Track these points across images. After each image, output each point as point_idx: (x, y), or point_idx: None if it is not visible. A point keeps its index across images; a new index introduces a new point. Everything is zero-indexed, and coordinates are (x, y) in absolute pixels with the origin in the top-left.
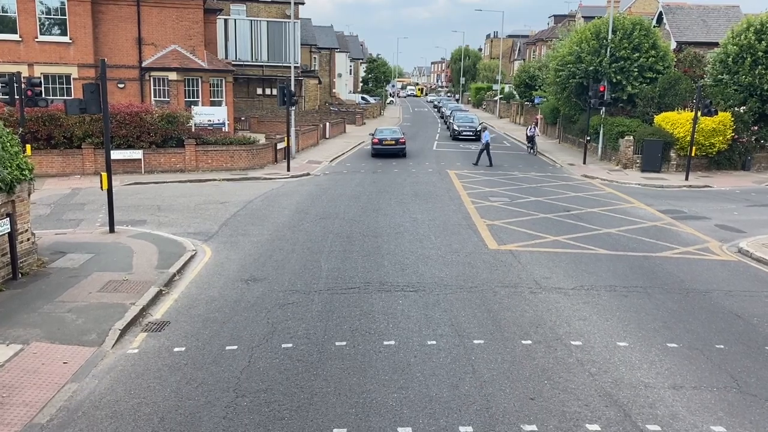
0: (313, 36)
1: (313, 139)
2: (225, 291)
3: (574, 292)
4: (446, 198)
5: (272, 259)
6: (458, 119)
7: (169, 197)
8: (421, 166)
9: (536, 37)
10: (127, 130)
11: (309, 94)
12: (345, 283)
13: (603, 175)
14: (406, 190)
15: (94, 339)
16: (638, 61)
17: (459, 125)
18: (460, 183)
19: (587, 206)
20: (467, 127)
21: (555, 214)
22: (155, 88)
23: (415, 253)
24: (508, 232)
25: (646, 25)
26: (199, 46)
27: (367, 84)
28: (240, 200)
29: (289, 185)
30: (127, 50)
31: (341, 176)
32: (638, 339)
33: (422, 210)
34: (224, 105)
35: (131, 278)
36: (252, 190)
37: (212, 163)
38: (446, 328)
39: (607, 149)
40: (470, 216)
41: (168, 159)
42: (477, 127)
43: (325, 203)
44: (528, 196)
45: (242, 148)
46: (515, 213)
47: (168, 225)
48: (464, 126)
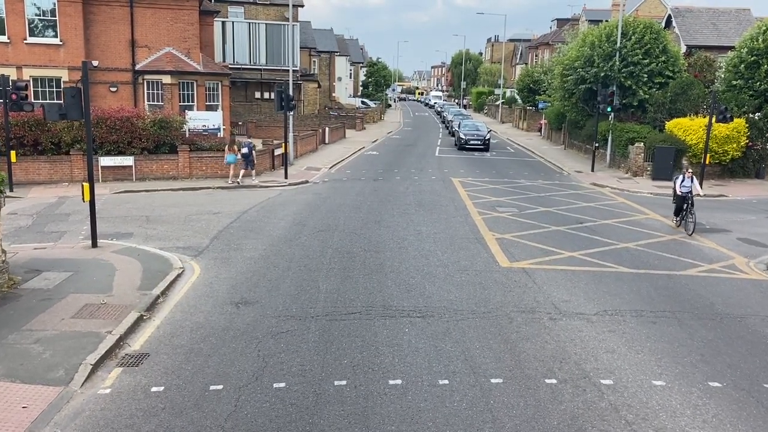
0: (312, 39)
1: (312, 144)
2: (212, 316)
3: (597, 318)
4: (451, 208)
5: (266, 279)
6: (464, 127)
7: (160, 207)
8: (423, 174)
9: (539, 41)
10: (117, 135)
11: (308, 98)
12: (345, 307)
13: (613, 184)
14: (409, 200)
15: (62, 376)
16: (649, 65)
17: (465, 133)
18: (465, 192)
19: (600, 217)
20: (475, 135)
21: (567, 226)
22: (149, 91)
23: (421, 271)
24: (519, 247)
25: (656, 28)
26: (195, 48)
27: (367, 88)
28: (234, 210)
29: (287, 194)
30: (120, 52)
31: (341, 184)
32: (675, 376)
33: (426, 222)
34: (220, 109)
35: (110, 301)
36: (247, 199)
37: (206, 170)
38: (459, 363)
39: (616, 156)
40: (478, 228)
41: (160, 166)
42: (486, 136)
43: (324, 214)
44: (537, 206)
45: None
46: (525, 225)
47: (156, 238)
48: (471, 134)
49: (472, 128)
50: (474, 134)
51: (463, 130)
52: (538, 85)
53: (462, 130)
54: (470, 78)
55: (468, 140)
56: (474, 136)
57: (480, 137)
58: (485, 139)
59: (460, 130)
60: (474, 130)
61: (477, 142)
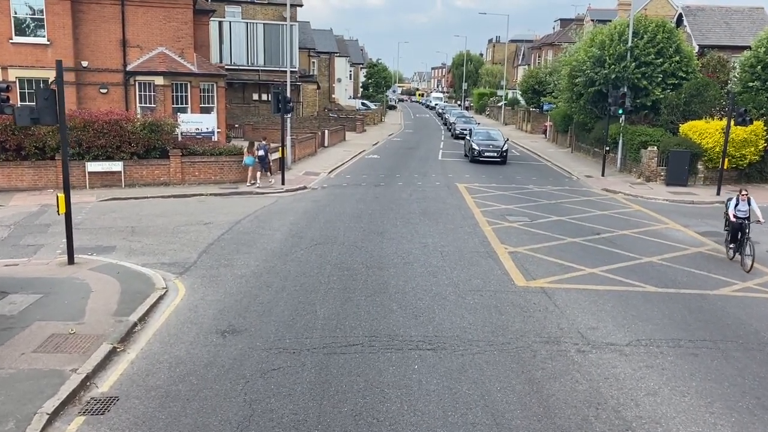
0: (311, 39)
1: (311, 147)
2: (195, 348)
3: (631, 350)
4: (458, 217)
5: (257, 301)
6: (477, 135)
7: (147, 216)
8: (427, 179)
9: (542, 42)
10: (105, 139)
11: (307, 100)
12: (345, 337)
13: (625, 189)
14: (412, 208)
15: (11, 430)
16: (662, 66)
17: (479, 143)
18: (472, 199)
19: (617, 227)
20: (490, 146)
21: (584, 237)
22: (141, 93)
23: (429, 291)
24: (535, 262)
25: (668, 27)
26: (189, 48)
27: (367, 89)
28: (226, 220)
29: (283, 201)
30: (111, 53)
31: (341, 190)
32: (733, 427)
33: (433, 233)
34: (215, 112)
35: (80, 330)
36: (241, 207)
37: (199, 175)
38: (479, 411)
39: (627, 160)
40: (488, 240)
41: (151, 171)
42: (503, 147)
43: (322, 224)
44: (549, 214)
45: (233, 159)
46: (539, 237)
47: (140, 253)
48: (486, 145)
49: (486, 137)
50: (489, 145)
51: (475, 140)
52: (542, 87)
53: (474, 139)
54: (471, 79)
55: (482, 152)
56: (489, 147)
57: (496, 148)
58: (502, 150)
59: (472, 139)
60: (488, 140)
61: (493, 154)
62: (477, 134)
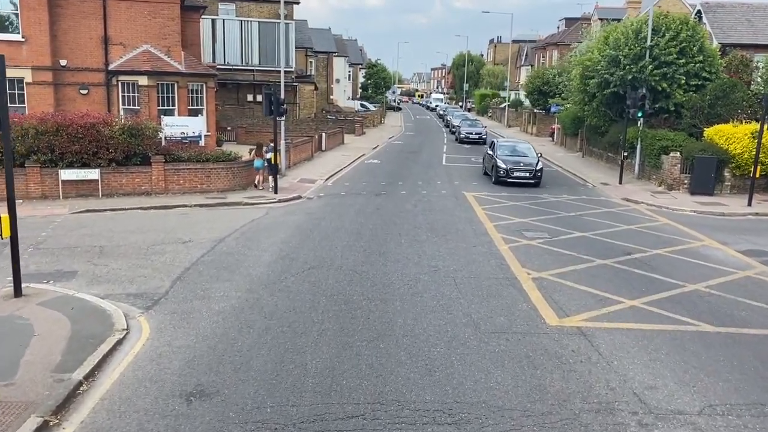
0: (309, 39)
1: (307, 152)
2: (151, 422)
3: (707, 422)
4: (470, 233)
5: (235, 348)
6: (502, 150)
7: (121, 233)
8: (431, 187)
9: (546, 41)
10: (80, 145)
11: (304, 101)
12: (342, 404)
13: (647, 199)
14: (418, 221)
15: None
16: (686, 66)
17: (505, 160)
18: (483, 211)
19: (648, 245)
20: (520, 164)
21: (614, 259)
22: (124, 94)
23: (444, 334)
24: (564, 292)
25: (692, 24)
26: (176, 46)
27: (366, 90)
28: (208, 238)
29: (275, 213)
30: (92, 50)
31: (338, 200)
32: None
33: (443, 253)
34: (205, 114)
35: (7, 394)
36: (228, 220)
37: (184, 183)
38: None
39: (646, 166)
40: (506, 263)
41: (131, 179)
42: (536, 165)
43: (317, 242)
44: (570, 229)
45: (221, 165)
46: (563, 258)
47: (104, 280)
48: (516, 162)
49: (513, 151)
50: (519, 162)
51: (501, 155)
52: (549, 88)
53: (500, 154)
54: (472, 80)
55: (510, 171)
56: (519, 165)
57: (528, 167)
58: (535, 170)
59: (496, 154)
60: (517, 155)
61: (524, 174)
62: (502, 148)
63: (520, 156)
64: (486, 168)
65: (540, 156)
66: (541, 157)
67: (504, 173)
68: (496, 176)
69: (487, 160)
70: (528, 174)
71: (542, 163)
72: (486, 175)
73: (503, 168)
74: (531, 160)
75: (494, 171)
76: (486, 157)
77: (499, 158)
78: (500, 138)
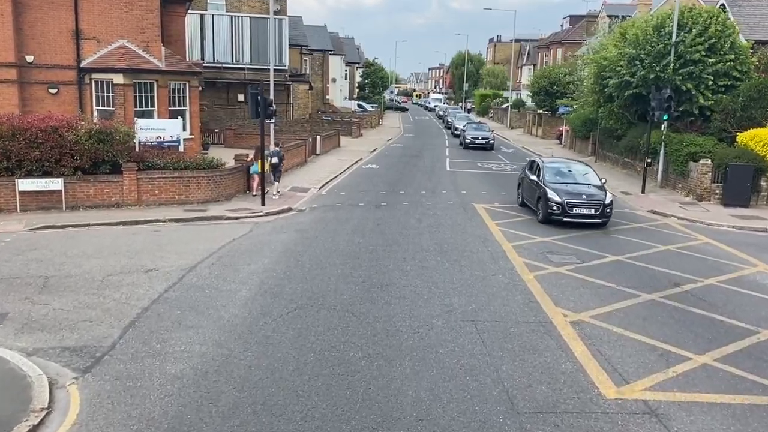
0: (303, 36)
1: (300, 156)
2: None
3: None
4: (486, 257)
5: None
6: (551, 174)
7: (75, 258)
8: (437, 196)
9: (550, 40)
10: (40, 151)
11: (298, 101)
12: None
13: (676, 211)
14: (424, 241)
15: None
16: (715, 65)
17: (556, 188)
18: (497, 227)
19: (696, 273)
20: (581, 197)
21: (662, 292)
22: (98, 93)
23: (472, 417)
24: (615, 344)
25: (722, 18)
26: (155, 41)
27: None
28: (178, 265)
29: (260, 231)
30: (62, 45)
31: (333, 213)
32: None
33: (457, 286)
34: (187, 115)
35: None
36: (204, 240)
37: (160, 194)
38: None
39: (670, 174)
40: (536, 299)
41: (99, 190)
42: (604, 198)
43: (306, 271)
44: (600, 251)
45: (201, 174)
46: (602, 291)
47: (38, 327)
48: (574, 192)
49: (569, 177)
50: (581, 194)
51: (552, 182)
52: (556, 88)
53: (549, 180)
54: (472, 80)
55: (568, 206)
56: (581, 199)
57: (593, 201)
58: (604, 204)
59: (545, 181)
60: (575, 183)
61: (589, 210)
62: (551, 171)
63: (580, 184)
64: (526, 198)
65: (604, 182)
66: (606, 184)
67: (558, 209)
68: (547, 212)
69: (527, 188)
70: (594, 211)
71: (611, 194)
72: (525, 207)
73: (556, 202)
74: (596, 191)
75: (542, 205)
76: (525, 183)
77: (549, 187)
78: (544, 157)
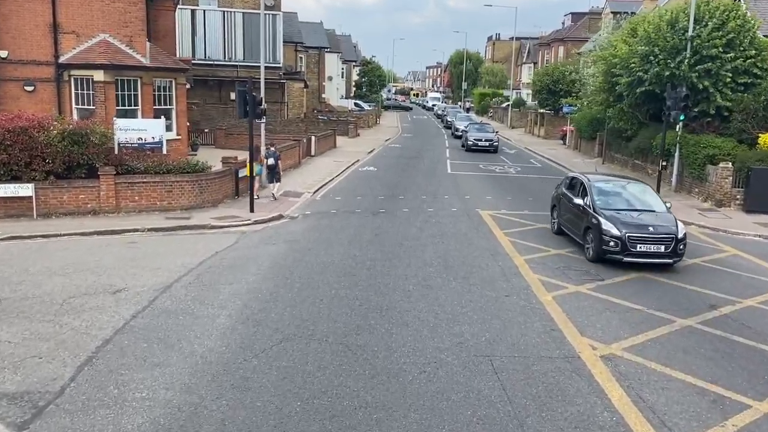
0: (299, 33)
1: (294, 158)
2: None
3: None
4: (497, 273)
5: None
6: (604, 197)
7: (36, 274)
8: (438, 201)
9: (551, 38)
10: (8, 154)
11: (293, 100)
12: None
13: (696, 218)
14: (428, 255)
15: None
16: (734, 61)
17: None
18: (506, 236)
19: (731, 292)
20: (651, 230)
21: (699, 317)
22: (77, 91)
23: None
24: (656, 387)
25: (741, 12)
26: (139, 36)
27: (360, 89)
28: (151, 284)
29: (247, 242)
30: (38, 40)
31: (328, 221)
32: None
33: (467, 310)
34: (174, 114)
35: None
36: (184, 253)
37: (140, 200)
38: None
39: (685, 178)
40: (558, 326)
41: (74, 196)
42: (676, 230)
43: (295, 292)
44: (624, 266)
45: (185, 178)
46: (632, 316)
47: None
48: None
49: (625, 201)
50: (646, 226)
51: (605, 208)
52: (559, 86)
53: (602, 206)
54: (470, 78)
55: (631, 242)
56: (648, 232)
57: (664, 234)
58: (677, 238)
59: (596, 208)
60: (635, 209)
61: (658, 248)
62: (599, 191)
63: (642, 210)
64: (565, 225)
65: (669, 206)
66: (670, 207)
67: (617, 245)
68: (600, 249)
69: (566, 212)
70: (664, 248)
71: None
72: (562, 235)
73: (614, 236)
74: (664, 220)
75: (594, 239)
76: (564, 205)
77: (602, 215)
78: (590, 175)
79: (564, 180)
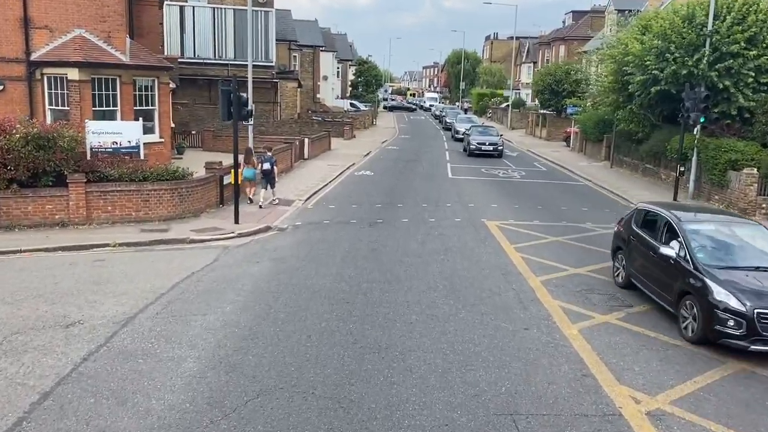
0: (293, 31)
1: (286, 162)
2: None
3: None
4: (511, 299)
5: None
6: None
7: None
8: (441, 210)
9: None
10: None
11: (286, 100)
12: None
13: None
14: (431, 275)
15: None
16: (758, 59)
17: (726, 277)
18: (517, 252)
19: None
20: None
21: (748, 355)
22: (51, 91)
23: None
24: None
25: (763, 4)
26: (118, 31)
27: (356, 88)
28: (112, 314)
29: (228, 260)
30: (8, 35)
31: (320, 234)
32: None
33: (480, 349)
34: (156, 116)
35: None
36: (156, 274)
37: (114, 211)
38: None
39: (704, 184)
40: (589, 370)
41: (40, 206)
42: None
43: (279, 326)
44: None
45: (164, 186)
46: (673, 354)
47: None
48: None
49: (730, 251)
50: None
51: (711, 265)
52: (562, 86)
53: (706, 263)
54: (468, 78)
55: (763, 323)
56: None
57: None
58: None
59: (698, 264)
60: (751, 267)
61: None
62: (700, 238)
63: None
64: (637, 276)
65: None
66: None
67: (740, 327)
68: (713, 329)
69: (642, 259)
70: None
71: None
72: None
73: (737, 312)
74: None
75: (700, 312)
76: (637, 251)
77: (713, 279)
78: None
79: (633, 213)
